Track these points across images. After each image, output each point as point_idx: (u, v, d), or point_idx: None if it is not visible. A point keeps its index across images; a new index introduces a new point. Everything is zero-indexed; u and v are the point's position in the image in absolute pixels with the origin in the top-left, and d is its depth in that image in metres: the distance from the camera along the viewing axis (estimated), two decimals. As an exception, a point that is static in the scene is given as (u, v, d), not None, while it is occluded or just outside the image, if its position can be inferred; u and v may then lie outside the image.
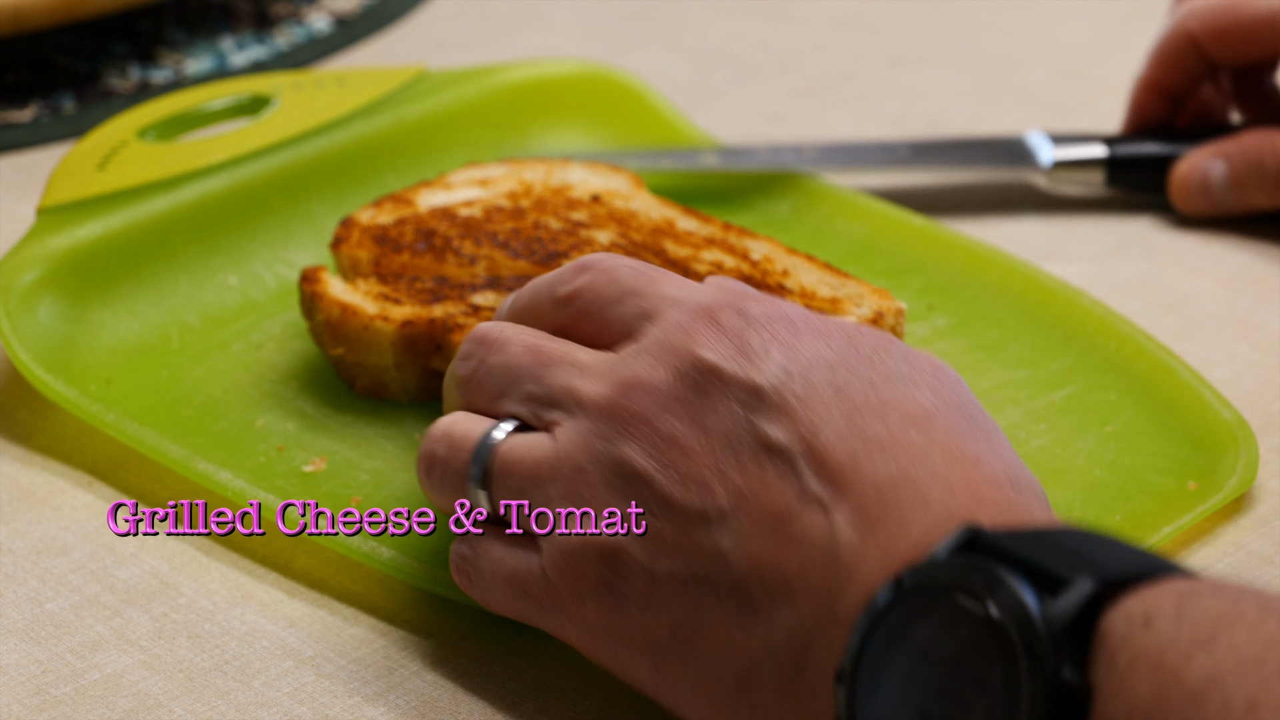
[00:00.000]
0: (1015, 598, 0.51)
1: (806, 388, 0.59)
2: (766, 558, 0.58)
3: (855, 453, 0.58)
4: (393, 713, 0.63)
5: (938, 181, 0.94)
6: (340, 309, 0.76)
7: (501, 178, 0.84)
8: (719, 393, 0.60)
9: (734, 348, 0.60)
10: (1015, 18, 1.11)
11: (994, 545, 0.53)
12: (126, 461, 0.74)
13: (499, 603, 0.63)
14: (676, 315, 0.62)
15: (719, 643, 0.58)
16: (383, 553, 0.68)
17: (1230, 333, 0.81)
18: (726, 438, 0.59)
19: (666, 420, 0.60)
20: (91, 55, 1.05)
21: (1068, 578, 0.51)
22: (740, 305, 0.61)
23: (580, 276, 0.65)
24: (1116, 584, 0.51)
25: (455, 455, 0.63)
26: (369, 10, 1.09)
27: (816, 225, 0.87)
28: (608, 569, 0.60)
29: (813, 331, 0.61)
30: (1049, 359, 0.78)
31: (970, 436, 0.59)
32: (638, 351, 0.62)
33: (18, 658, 0.66)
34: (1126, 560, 0.52)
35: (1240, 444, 0.72)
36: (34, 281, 0.79)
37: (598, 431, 0.61)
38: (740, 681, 0.58)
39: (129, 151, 0.86)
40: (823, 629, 0.56)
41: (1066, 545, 0.53)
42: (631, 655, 0.60)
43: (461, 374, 0.65)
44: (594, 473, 0.60)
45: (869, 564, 0.56)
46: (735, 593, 0.58)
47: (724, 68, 1.06)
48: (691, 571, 0.59)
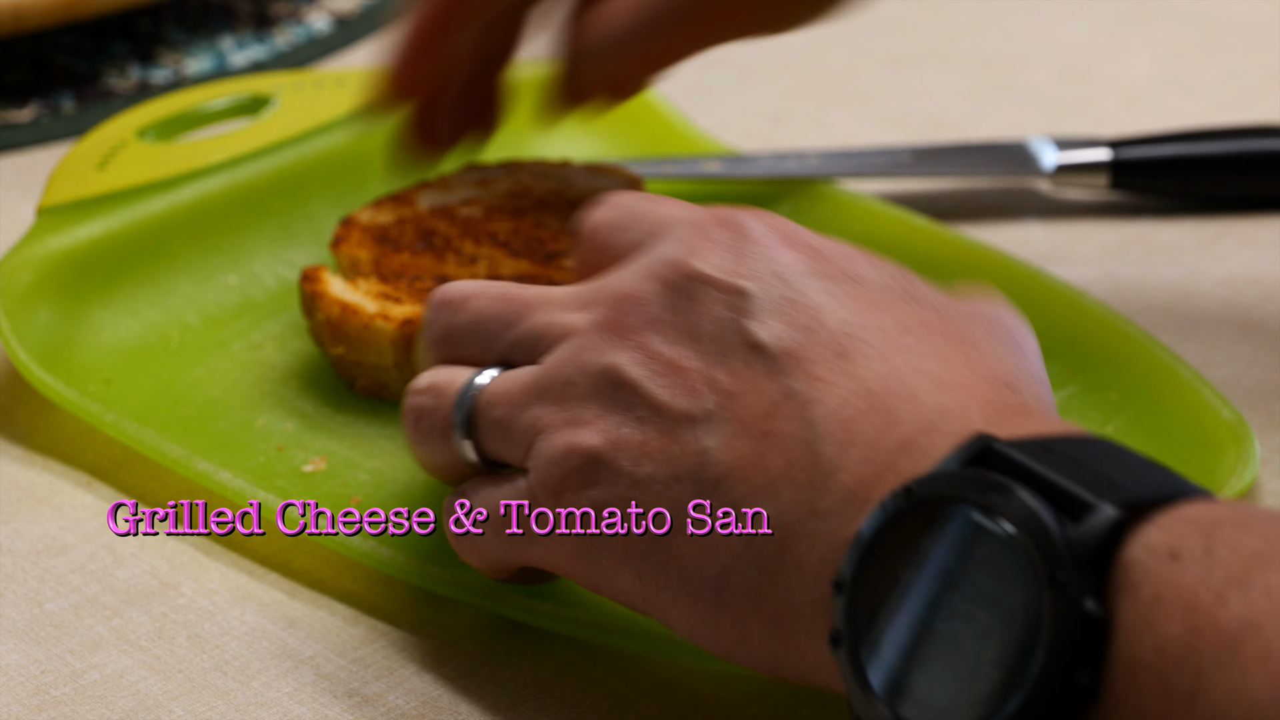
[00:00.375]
0: (1037, 520, 0.49)
1: (797, 293, 0.59)
2: (749, 454, 0.57)
3: (844, 352, 0.57)
4: (393, 713, 0.63)
5: (940, 185, 0.94)
6: (341, 308, 0.76)
7: (502, 178, 0.84)
8: (708, 299, 0.60)
9: (725, 256, 0.60)
10: (1015, 18, 1.11)
11: (1008, 459, 0.51)
12: (126, 461, 0.74)
13: (494, 548, 0.62)
14: (671, 230, 0.62)
15: (699, 543, 0.58)
16: (382, 552, 0.68)
17: (1230, 333, 0.81)
18: (715, 342, 0.59)
19: (657, 328, 0.60)
20: (91, 55, 1.05)
21: (1090, 502, 0.49)
22: (736, 219, 0.62)
23: (595, 212, 0.65)
24: (1140, 509, 0.49)
25: (440, 404, 0.63)
26: (369, 10, 1.09)
27: (816, 227, 0.86)
28: (591, 476, 0.59)
29: (808, 245, 0.61)
30: (1049, 359, 0.77)
31: (974, 345, 0.58)
32: (628, 268, 0.62)
33: (17, 658, 0.66)
34: (1145, 480, 0.51)
35: (1241, 444, 0.72)
36: (33, 281, 0.79)
37: (587, 345, 0.61)
38: (719, 580, 0.57)
39: (129, 151, 0.86)
40: (803, 523, 0.56)
41: (1082, 460, 0.51)
42: (615, 565, 0.60)
43: (429, 339, 0.65)
44: (583, 383, 0.60)
45: (853, 459, 0.55)
46: (716, 490, 0.57)
47: (724, 68, 1.06)
48: (674, 472, 0.58)
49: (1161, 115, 0.98)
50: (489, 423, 0.62)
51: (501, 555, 0.63)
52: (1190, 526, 0.49)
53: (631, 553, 0.59)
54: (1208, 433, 0.73)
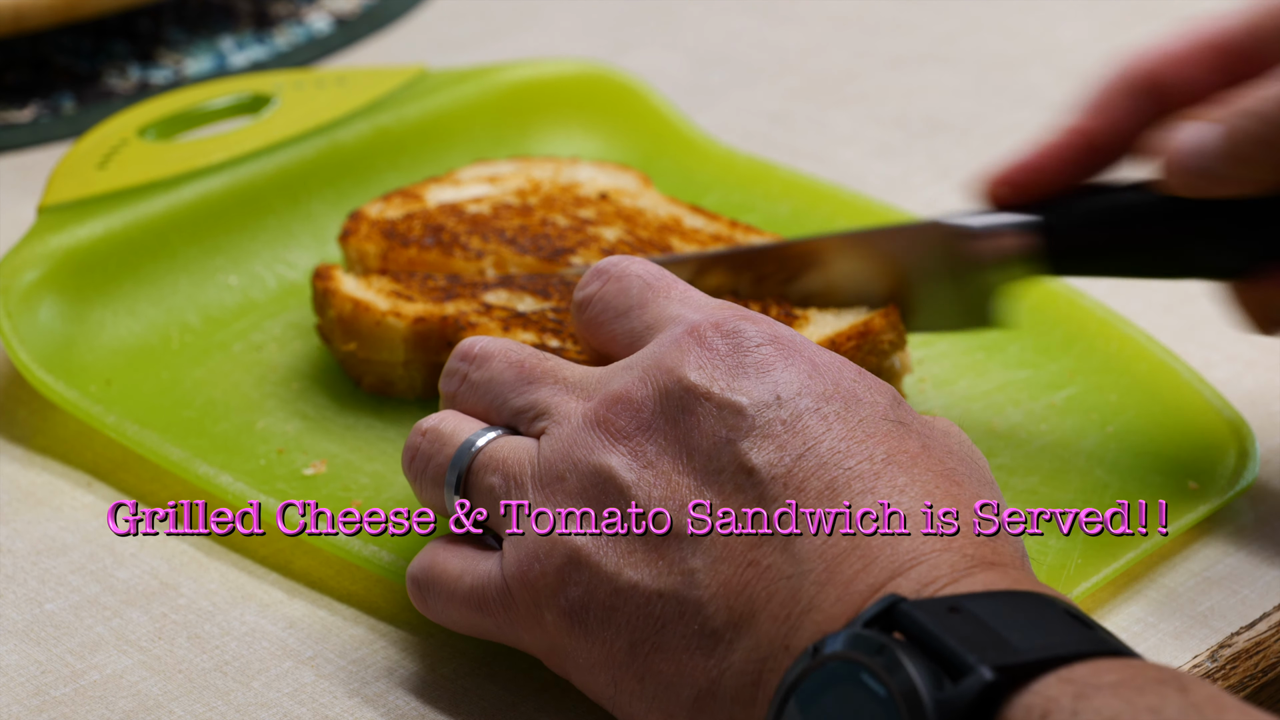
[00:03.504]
0: (909, 683, 0.51)
1: (792, 415, 0.59)
2: (734, 582, 0.57)
3: (834, 483, 0.58)
4: (393, 713, 0.63)
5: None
6: (353, 305, 0.76)
7: (510, 175, 0.84)
8: (703, 413, 0.60)
9: (722, 369, 0.60)
10: (1015, 18, 1.11)
11: (908, 619, 0.53)
12: (126, 462, 0.74)
13: (456, 622, 0.63)
14: (671, 332, 0.62)
15: (678, 662, 0.58)
16: (383, 556, 0.68)
17: (1230, 333, 0.81)
18: (708, 459, 0.59)
19: (650, 436, 0.60)
20: (91, 55, 1.05)
21: (970, 664, 0.51)
22: (735, 326, 0.61)
23: (594, 283, 0.65)
24: (1017, 672, 0.51)
25: (438, 451, 0.64)
26: (369, 10, 1.09)
27: (816, 226, 0.87)
28: (573, 576, 0.60)
29: (806, 360, 0.61)
30: (1049, 360, 0.78)
31: (955, 482, 0.59)
32: (628, 366, 0.62)
33: (18, 658, 0.66)
34: (1051, 641, 0.52)
35: (1240, 444, 0.72)
36: (34, 281, 0.79)
37: (581, 441, 0.61)
38: (695, 704, 0.58)
39: (129, 151, 0.86)
40: (777, 658, 0.56)
41: (986, 622, 0.52)
42: (590, 668, 0.60)
43: (447, 390, 0.65)
44: (573, 480, 0.60)
45: (829, 599, 0.56)
46: (699, 613, 0.58)
47: (724, 68, 1.06)
48: (657, 587, 0.59)
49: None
50: (480, 487, 0.63)
51: (467, 630, 0.63)
52: (1064, 689, 0.50)
53: (609, 660, 0.59)
54: (1208, 433, 0.73)
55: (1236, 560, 0.69)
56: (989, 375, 0.77)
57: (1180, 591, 0.68)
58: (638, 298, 0.64)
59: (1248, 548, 0.70)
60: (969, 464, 0.60)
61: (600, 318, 0.65)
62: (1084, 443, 0.73)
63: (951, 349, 0.79)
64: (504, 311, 0.75)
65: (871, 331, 0.73)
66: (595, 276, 0.65)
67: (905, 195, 0.92)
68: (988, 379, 0.77)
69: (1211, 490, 0.70)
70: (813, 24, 1.11)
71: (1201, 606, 0.68)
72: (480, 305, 0.76)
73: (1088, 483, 0.71)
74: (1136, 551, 0.68)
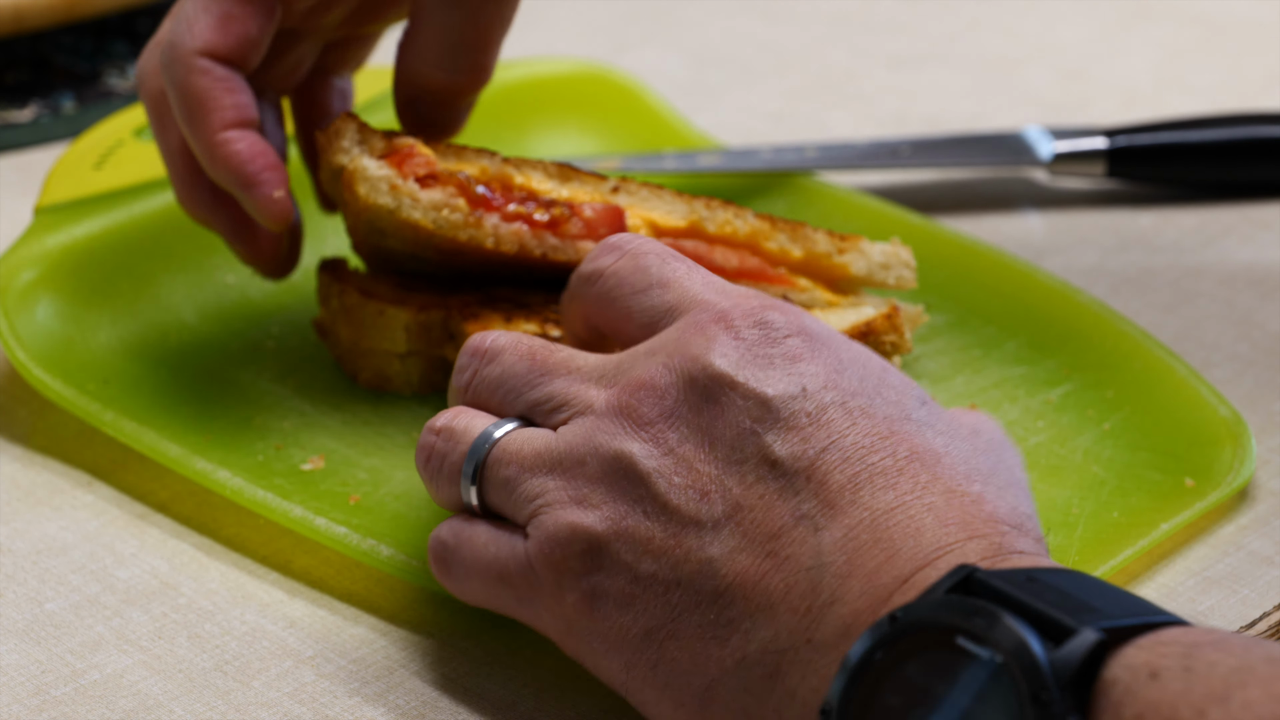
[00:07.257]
0: (1021, 643, 0.50)
1: (818, 407, 0.59)
2: (752, 572, 0.57)
3: (856, 478, 0.57)
4: (393, 713, 0.63)
5: (938, 179, 0.94)
6: (357, 294, 0.76)
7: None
8: (728, 402, 0.59)
9: (750, 358, 0.60)
10: (1015, 18, 1.11)
11: (990, 587, 0.52)
12: (126, 461, 0.74)
13: (475, 591, 0.62)
14: (697, 318, 0.61)
15: (691, 651, 0.58)
16: (382, 552, 0.68)
17: (1230, 333, 0.81)
18: (731, 449, 0.59)
19: (673, 424, 0.60)
20: (91, 55, 1.05)
21: (1072, 625, 0.50)
22: (762, 315, 0.61)
23: (606, 256, 0.64)
24: (1120, 633, 0.50)
25: (453, 448, 0.63)
26: (369, 10, 1.09)
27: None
28: (593, 562, 0.59)
29: (832, 352, 0.60)
30: (1046, 356, 0.78)
31: (978, 478, 0.58)
32: (651, 351, 0.61)
33: (18, 658, 0.66)
34: (1125, 607, 0.52)
35: (1237, 440, 0.72)
36: (32, 281, 0.80)
37: (602, 428, 0.60)
38: (707, 692, 0.58)
39: (126, 151, 0.86)
40: (798, 652, 0.56)
41: (1064, 590, 0.52)
42: (605, 651, 0.60)
43: (459, 385, 0.65)
44: (593, 466, 0.60)
45: (852, 591, 0.56)
46: (715, 603, 0.58)
47: (723, 68, 1.06)
48: (675, 576, 0.58)
49: (1161, 115, 0.97)
50: (497, 479, 0.62)
51: (484, 602, 0.63)
52: (1169, 647, 0.50)
53: (624, 645, 0.59)
54: (1204, 429, 0.73)
55: (1236, 560, 0.69)
56: (985, 371, 0.77)
57: (1180, 591, 0.68)
58: (658, 276, 0.63)
59: (1247, 547, 0.70)
60: (996, 462, 0.60)
61: (614, 292, 0.64)
62: (1081, 439, 0.73)
63: (948, 345, 0.79)
64: (508, 303, 0.75)
65: (873, 333, 0.73)
66: (608, 250, 0.64)
67: (905, 195, 0.92)
68: (984, 375, 0.77)
69: (1208, 487, 0.70)
70: (813, 24, 1.11)
71: (1201, 606, 0.68)
72: (484, 295, 0.76)
73: (1085, 479, 0.72)
74: (1134, 549, 0.68)
